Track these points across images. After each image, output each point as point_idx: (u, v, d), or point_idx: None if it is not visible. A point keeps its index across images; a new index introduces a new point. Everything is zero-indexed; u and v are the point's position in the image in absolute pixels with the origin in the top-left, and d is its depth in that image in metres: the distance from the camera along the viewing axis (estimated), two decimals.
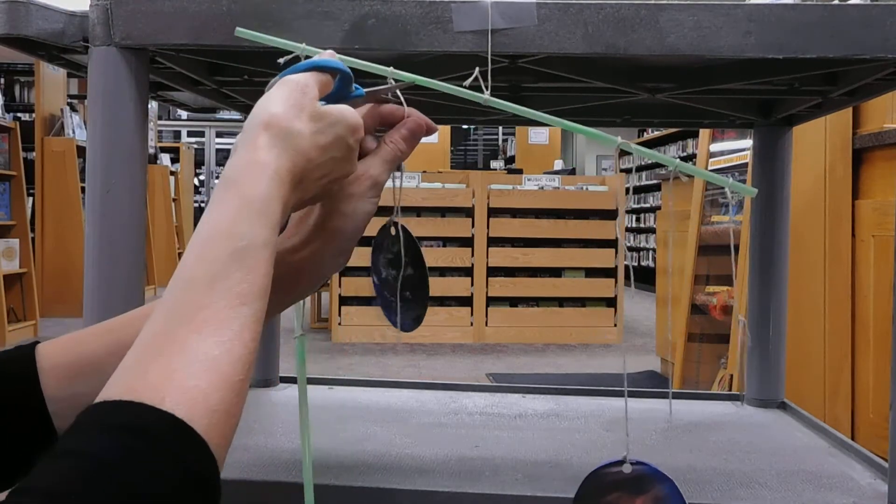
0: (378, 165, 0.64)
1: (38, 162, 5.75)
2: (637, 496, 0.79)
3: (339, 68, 0.62)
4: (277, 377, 1.49)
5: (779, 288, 1.36)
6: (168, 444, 0.40)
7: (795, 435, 1.22)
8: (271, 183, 0.52)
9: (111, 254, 0.88)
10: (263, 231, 0.50)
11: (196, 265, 0.48)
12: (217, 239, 0.49)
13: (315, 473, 0.98)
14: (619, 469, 0.78)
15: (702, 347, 2.97)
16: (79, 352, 0.61)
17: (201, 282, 0.47)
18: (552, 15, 0.83)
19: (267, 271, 0.50)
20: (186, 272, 0.48)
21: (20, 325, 4.96)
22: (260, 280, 0.49)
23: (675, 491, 0.78)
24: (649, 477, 0.79)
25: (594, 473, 0.80)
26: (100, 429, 0.40)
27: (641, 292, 8.58)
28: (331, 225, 0.63)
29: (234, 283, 0.47)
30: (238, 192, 0.51)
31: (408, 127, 0.66)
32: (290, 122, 0.55)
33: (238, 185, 0.51)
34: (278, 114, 0.55)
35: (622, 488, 0.79)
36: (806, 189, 2.39)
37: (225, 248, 0.48)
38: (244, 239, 0.49)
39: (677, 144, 8.78)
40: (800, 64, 0.99)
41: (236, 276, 0.47)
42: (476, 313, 4.93)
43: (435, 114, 1.37)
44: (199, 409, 0.42)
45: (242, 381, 0.45)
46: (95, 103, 0.88)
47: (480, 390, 1.46)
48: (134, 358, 0.44)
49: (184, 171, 8.92)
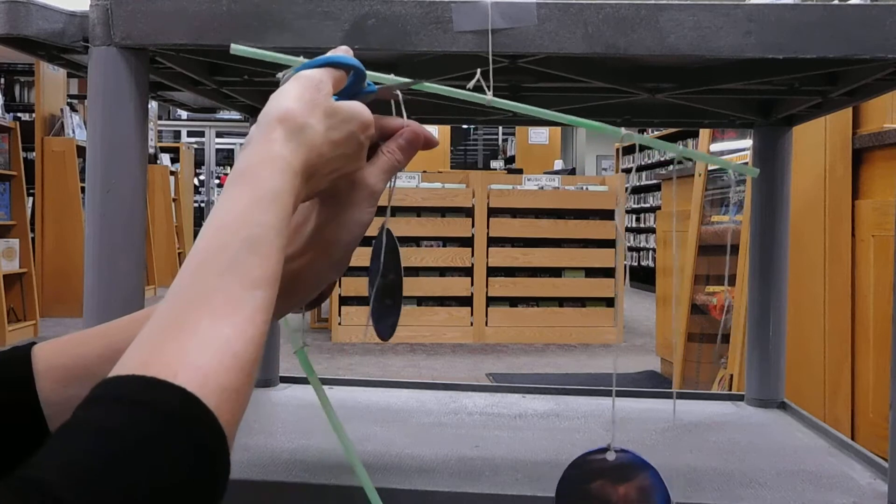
0: (375, 175, 0.64)
1: (38, 162, 5.75)
2: (620, 484, 0.79)
3: (353, 65, 0.63)
4: (277, 377, 1.49)
5: (779, 288, 1.36)
6: (180, 419, 0.41)
7: (795, 435, 1.22)
8: (285, 176, 0.53)
9: (111, 254, 0.88)
10: (276, 221, 0.51)
11: (210, 250, 0.49)
12: (232, 226, 0.50)
13: (315, 473, 0.98)
14: (603, 457, 0.78)
15: (702, 347, 2.97)
16: (75, 355, 0.61)
17: (215, 265, 0.48)
18: (552, 15, 0.83)
19: (279, 259, 0.51)
20: (199, 257, 0.49)
21: (20, 325, 4.96)
22: (273, 266, 0.50)
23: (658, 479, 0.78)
24: (633, 465, 0.79)
25: (578, 460, 0.80)
26: (114, 402, 0.40)
27: (641, 292, 8.58)
28: (327, 234, 0.63)
29: (248, 268, 0.48)
30: (253, 184, 0.52)
31: (405, 137, 0.66)
32: (305, 117, 0.56)
33: (253, 176, 0.52)
34: (293, 109, 0.56)
35: (606, 476, 0.79)
36: (806, 189, 2.39)
37: (239, 235, 0.49)
38: (259, 226, 0.50)
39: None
40: (800, 64, 0.99)
41: (250, 262, 0.48)
42: (476, 313, 4.93)
43: (435, 114, 1.38)
44: (211, 387, 0.42)
45: (253, 362, 0.46)
46: (95, 103, 0.88)
47: (480, 390, 1.46)
48: (149, 336, 0.45)
49: (184, 171, 8.92)
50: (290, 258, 0.63)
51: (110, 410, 0.40)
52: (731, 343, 2.59)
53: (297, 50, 0.85)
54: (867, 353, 2.25)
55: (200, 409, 0.42)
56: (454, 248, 4.92)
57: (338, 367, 4.03)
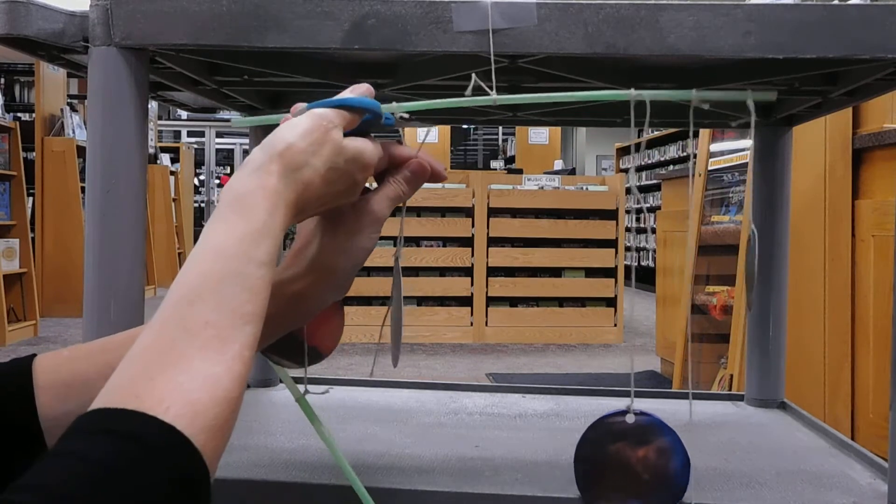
0: (380, 202, 0.65)
1: (38, 162, 5.75)
2: (640, 446, 0.79)
3: (367, 108, 0.63)
4: (278, 377, 1.48)
5: (779, 288, 1.36)
6: (168, 455, 0.41)
7: (795, 435, 1.22)
8: (278, 211, 0.54)
9: (111, 254, 0.88)
10: (267, 256, 0.52)
11: (201, 282, 0.49)
12: (225, 257, 0.51)
13: (315, 473, 0.98)
14: (623, 419, 0.78)
15: (702, 347, 2.97)
16: (75, 370, 0.61)
17: (208, 297, 0.49)
18: (552, 15, 0.83)
19: (267, 294, 0.52)
20: (193, 283, 0.49)
21: (20, 325, 4.96)
22: (261, 302, 0.51)
23: (677, 442, 0.78)
24: (653, 427, 0.79)
25: (597, 423, 0.80)
26: (103, 433, 0.41)
27: (641, 292, 8.58)
28: (330, 259, 0.64)
29: (239, 303, 0.49)
30: (247, 215, 0.53)
31: (411, 169, 0.67)
32: (307, 155, 0.57)
33: (248, 207, 0.53)
34: (297, 145, 0.57)
35: (626, 438, 0.79)
36: (806, 189, 2.39)
37: (232, 268, 0.50)
38: (251, 262, 0.51)
39: (677, 144, 8.77)
40: (800, 64, 0.99)
41: (242, 297, 0.49)
42: (476, 313, 4.93)
43: (436, 114, 1.38)
44: (199, 423, 0.43)
45: (239, 398, 0.47)
46: (95, 103, 0.88)
47: (480, 390, 1.46)
48: (140, 363, 0.46)
49: (184, 171, 8.92)
50: (291, 280, 0.64)
51: (101, 443, 0.40)
52: (731, 343, 2.59)
53: (296, 50, 0.85)
54: (867, 353, 2.25)
55: (189, 448, 0.42)
56: (454, 248, 4.92)
57: (338, 367, 4.03)
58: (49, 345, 4.77)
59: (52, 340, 4.92)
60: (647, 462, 0.80)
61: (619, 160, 9.84)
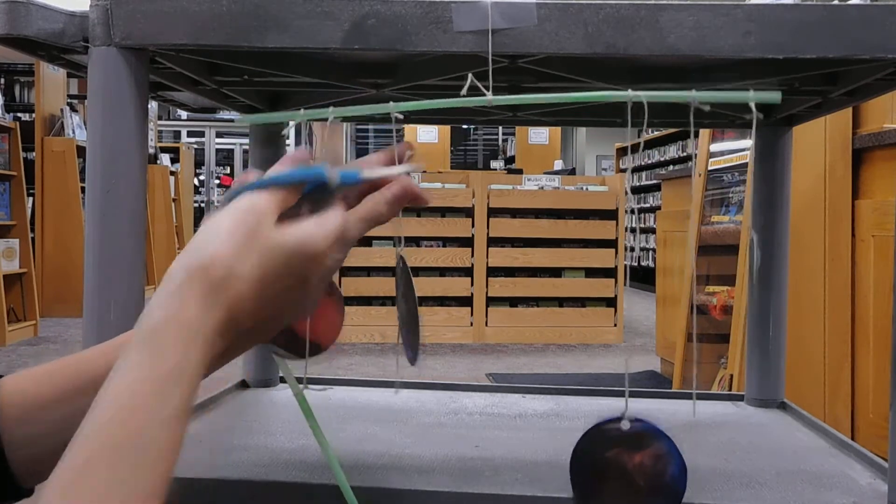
0: (352, 222, 0.57)
1: (38, 162, 5.76)
2: (636, 452, 0.79)
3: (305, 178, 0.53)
4: (277, 377, 1.48)
5: (779, 288, 1.36)
6: None
7: (795, 435, 1.22)
8: (193, 347, 0.47)
9: (111, 254, 0.88)
10: (176, 408, 0.46)
11: (99, 444, 0.44)
12: (125, 413, 0.45)
13: (315, 473, 0.98)
14: (618, 426, 0.78)
15: (702, 347, 2.97)
16: (35, 393, 0.60)
17: (101, 471, 0.43)
18: (552, 15, 0.83)
19: (176, 455, 0.46)
20: (90, 442, 0.44)
21: (20, 326, 4.96)
22: (166, 471, 0.45)
23: (673, 448, 0.78)
24: (648, 434, 0.79)
25: (592, 430, 0.80)
26: None
27: (641, 292, 8.58)
28: None
29: (135, 482, 0.43)
30: (156, 357, 0.46)
31: (392, 191, 0.59)
32: (232, 265, 0.49)
33: (158, 347, 0.46)
34: (220, 255, 0.49)
35: (622, 444, 0.79)
36: (806, 189, 2.39)
37: (131, 429, 0.44)
38: (153, 420, 0.45)
39: (677, 144, 8.78)
40: (800, 64, 0.99)
41: (138, 474, 0.44)
42: (476, 313, 4.93)
43: (435, 114, 1.38)
44: None
45: None
46: (95, 103, 0.88)
47: (480, 390, 1.46)
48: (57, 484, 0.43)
49: (184, 171, 8.92)
50: None
51: None
52: (731, 343, 2.59)
53: (296, 50, 0.85)
54: (867, 353, 2.25)
55: None
56: (454, 249, 4.92)
57: (338, 367, 4.03)
58: (49, 345, 4.77)
59: (52, 340, 4.92)
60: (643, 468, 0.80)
61: (619, 160, 9.84)
